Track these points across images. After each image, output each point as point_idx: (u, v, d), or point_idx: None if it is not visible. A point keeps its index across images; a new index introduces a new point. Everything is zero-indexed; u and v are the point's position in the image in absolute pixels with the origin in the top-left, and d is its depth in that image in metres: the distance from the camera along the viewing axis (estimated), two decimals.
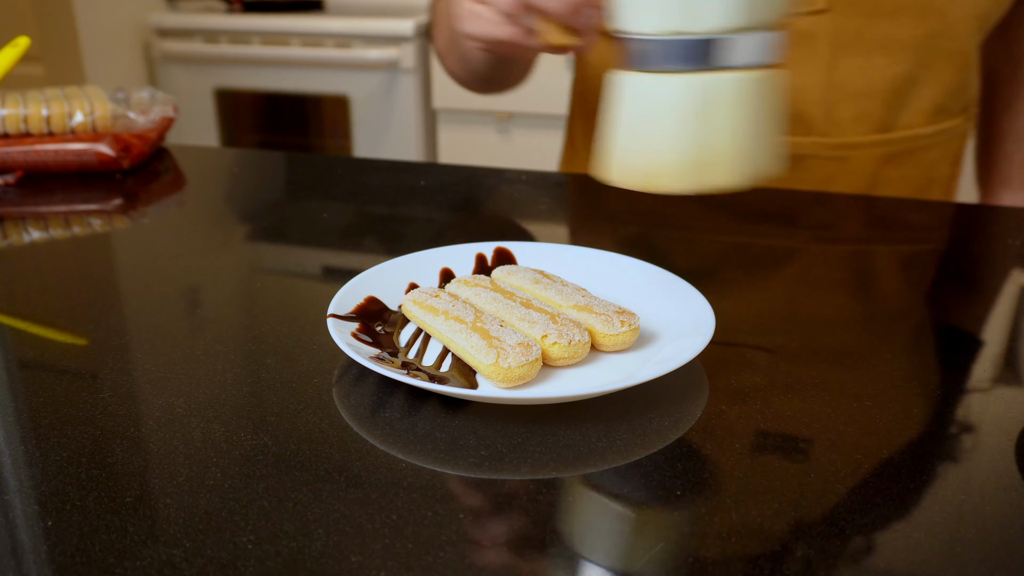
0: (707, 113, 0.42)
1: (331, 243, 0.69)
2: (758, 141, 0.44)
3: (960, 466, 0.39)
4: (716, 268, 0.63)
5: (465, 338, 0.44)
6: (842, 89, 0.75)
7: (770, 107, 0.44)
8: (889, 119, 0.76)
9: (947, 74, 0.75)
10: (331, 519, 0.35)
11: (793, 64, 0.74)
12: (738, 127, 0.43)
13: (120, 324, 0.53)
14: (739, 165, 0.43)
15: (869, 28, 0.72)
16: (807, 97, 0.75)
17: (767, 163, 0.45)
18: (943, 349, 0.51)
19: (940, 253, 0.67)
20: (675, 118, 0.43)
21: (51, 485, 0.37)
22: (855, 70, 0.74)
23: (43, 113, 0.83)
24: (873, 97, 0.75)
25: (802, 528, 0.35)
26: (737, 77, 0.42)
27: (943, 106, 0.77)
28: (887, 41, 0.73)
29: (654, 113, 0.44)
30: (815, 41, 0.73)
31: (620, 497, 0.37)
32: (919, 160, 0.79)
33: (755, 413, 0.43)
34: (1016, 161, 0.86)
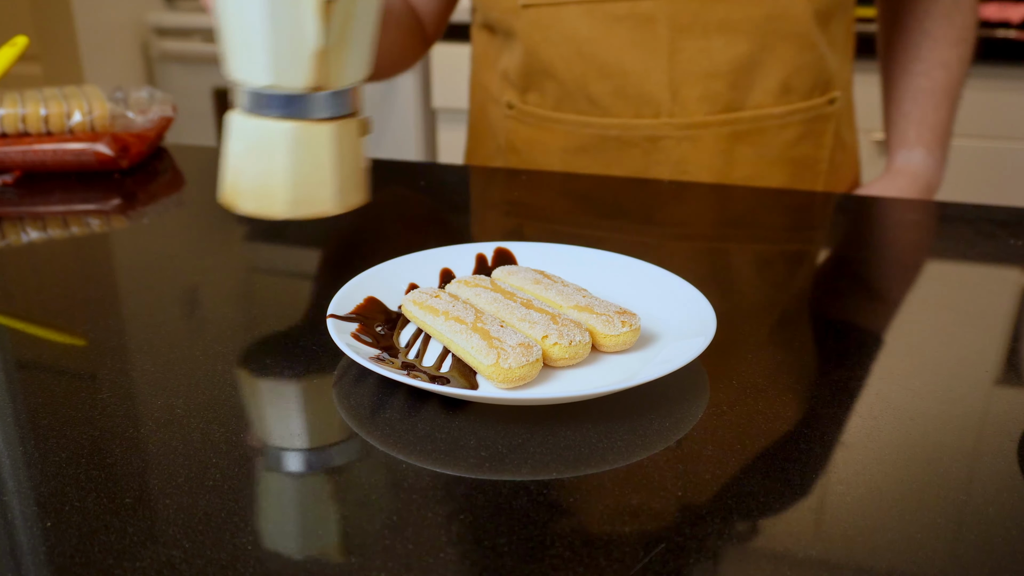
0: (266, 152, 0.52)
1: (330, 243, 0.69)
2: (318, 181, 0.53)
3: (962, 467, 0.39)
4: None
5: (465, 339, 0.44)
6: (686, 70, 0.78)
7: (331, 153, 0.53)
8: (736, 99, 0.79)
9: (789, 55, 0.78)
10: (331, 520, 0.35)
11: (637, 48, 0.77)
12: (296, 167, 0.52)
13: (119, 324, 0.53)
14: (298, 200, 0.53)
15: (706, 11, 0.75)
16: (653, 79, 0.78)
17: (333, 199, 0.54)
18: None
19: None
20: (245, 154, 0.53)
21: (50, 486, 0.37)
22: (696, 52, 0.77)
23: (41, 113, 0.83)
24: (717, 78, 0.78)
25: (803, 528, 0.35)
26: (281, 126, 0.52)
27: (789, 86, 0.80)
28: (725, 23, 0.76)
29: (235, 148, 0.54)
30: (655, 24, 0.76)
31: (621, 498, 0.37)
32: (772, 139, 0.82)
33: (756, 414, 0.43)
34: (913, 119, 0.90)
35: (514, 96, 0.87)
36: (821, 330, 0.53)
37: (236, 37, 0.51)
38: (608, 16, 0.77)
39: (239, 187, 0.54)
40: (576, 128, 0.83)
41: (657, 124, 0.80)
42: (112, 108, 0.86)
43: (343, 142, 0.54)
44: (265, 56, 0.50)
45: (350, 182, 0.55)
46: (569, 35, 0.79)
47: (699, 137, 0.81)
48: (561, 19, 0.79)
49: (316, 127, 0.52)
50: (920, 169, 0.89)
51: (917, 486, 0.38)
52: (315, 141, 0.52)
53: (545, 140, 0.86)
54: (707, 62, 0.77)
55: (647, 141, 0.82)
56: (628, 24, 0.77)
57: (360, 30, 0.53)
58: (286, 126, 0.52)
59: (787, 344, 0.51)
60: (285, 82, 0.51)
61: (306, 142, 0.52)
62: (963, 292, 0.59)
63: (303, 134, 0.52)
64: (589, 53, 0.79)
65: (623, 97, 0.80)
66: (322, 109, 0.53)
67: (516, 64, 0.84)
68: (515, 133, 0.89)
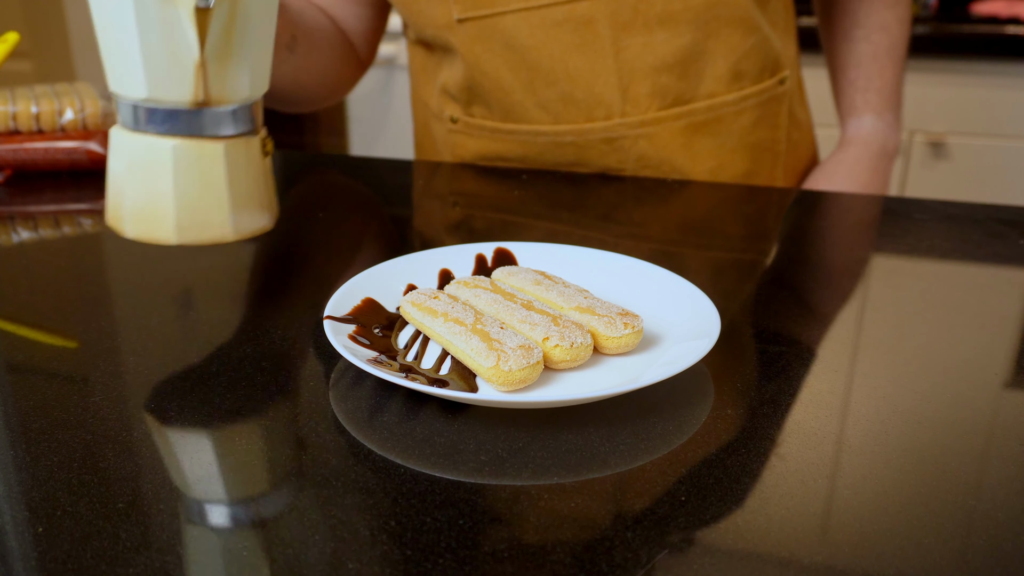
0: (149, 172, 0.50)
1: (327, 243, 0.69)
2: (209, 204, 0.51)
3: (971, 471, 0.39)
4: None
5: (465, 340, 0.44)
6: (632, 67, 0.78)
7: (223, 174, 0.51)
8: (687, 90, 0.80)
9: (735, 40, 0.79)
10: (328, 525, 0.35)
11: (581, 50, 0.77)
12: (183, 188, 0.50)
13: (111, 326, 0.53)
14: (187, 225, 0.51)
15: (645, 6, 0.76)
16: (601, 80, 0.79)
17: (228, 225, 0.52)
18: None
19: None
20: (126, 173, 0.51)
21: (41, 491, 0.37)
22: (641, 47, 0.77)
23: (32, 110, 0.83)
24: (665, 71, 0.78)
25: (809, 533, 0.35)
26: (163, 142, 0.49)
27: (740, 72, 0.81)
28: (665, 16, 0.76)
29: (115, 166, 0.51)
30: (595, 24, 0.76)
31: (623, 503, 0.37)
32: (729, 127, 0.83)
33: (761, 417, 0.43)
34: (859, 87, 0.91)
35: (457, 110, 0.87)
36: (823, 332, 0.53)
37: (112, 46, 0.49)
38: (547, 21, 0.77)
39: (122, 210, 0.51)
40: (530, 138, 0.83)
41: (611, 126, 0.80)
42: (104, 106, 0.86)
43: (238, 161, 0.51)
44: (143, 67, 0.47)
45: (248, 206, 0.52)
46: (510, 44, 0.78)
47: (655, 134, 0.81)
48: (500, 29, 0.78)
49: (205, 145, 0.50)
50: (871, 135, 0.90)
51: (925, 491, 0.38)
52: (205, 160, 0.50)
53: (498, 150, 0.86)
54: (652, 56, 0.78)
55: (604, 143, 0.82)
56: (568, 27, 0.77)
57: (251, 42, 0.50)
58: (171, 143, 0.49)
59: (789, 346, 0.51)
60: (166, 95, 0.48)
61: (194, 161, 0.50)
62: (971, 293, 0.59)
63: (190, 152, 0.49)
64: (533, 60, 0.78)
65: (572, 102, 0.80)
66: (212, 126, 0.50)
67: (457, 79, 0.83)
68: (462, 147, 0.88)
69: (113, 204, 0.52)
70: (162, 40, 0.47)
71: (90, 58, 2.07)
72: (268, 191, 0.55)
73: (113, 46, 0.49)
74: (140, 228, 0.51)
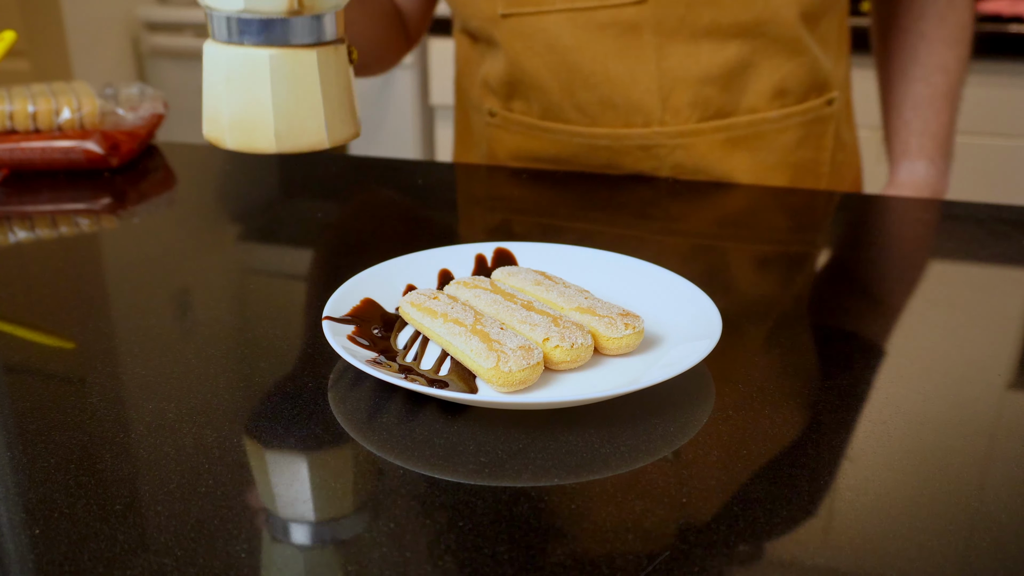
0: (247, 82, 0.51)
1: (326, 243, 0.69)
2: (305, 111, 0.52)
3: (974, 472, 0.39)
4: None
5: (464, 341, 0.44)
6: (675, 77, 0.77)
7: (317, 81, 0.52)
8: (728, 103, 0.79)
9: (781, 58, 0.78)
10: (327, 527, 0.35)
11: (623, 56, 0.77)
12: (280, 97, 0.51)
13: (109, 327, 0.53)
14: (285, 133, 0.52)
15: (692, 16, 0.75)
16: (641, 87, 0.78)
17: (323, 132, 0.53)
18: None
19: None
20: (224, 85, 0.52)
21: (38, 492, 0.37)
22: (684, 57, 0.77)
23: (29, 109, 0.83)
24: (708, 83, 0.77)
25: (810, 536, 0.35)
26: (260, 53, 0.50)
27: (784, 89, 0.79)
28: (712, 28, 0.75)
29: (212, 79, 0.52)
30: (640, 31, 0.76)
31: (624, 504, 0.37)
32: (770, 144, 0.81)
33: (762, 419, 0.43)
34: (914, 128, 0.88)
35: (496, 104, 0.86)
36: (827, 333, 0.53)
37: None
38: (591, 24, 0.76)
39: (221, 121, 0.53)
40: (566, 138, 0.83)
41: (648, 133, 0.80)
42: (102, 105, 0.86)
43: (329, 69, 0.53)
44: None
45: (339, 113, 0.54)
46: (552, 44, 0.78)
47: (693, 145, 0.80)
48: (543, 28, 0.78)
49: (300, 53, 0.51)
50: (924, 182, 0.88)
51: (928, 492, 0.38)
52: (299, 68, 0.51)
53: (533, 148, 0.86)
54: (696, 67, 0.77)
55: (639, 150, 0.81)
56: (612, 31, 0.76)
57: None
58: (267, 53, 0.50)
59: (793, 348, 0.51)
60: (261, 5, 0.50)
61: (290, 70, 0.51)
62: (974, 293, 0.59)
63: (286, 61, 0.51)
64: (573, 62, 0.78)
65: (611, 107, 0.80)
66: (304, 34, 0.51)
67: (499, 72, 0.83)
68: (498, 142, 0.88)
69: (211, 118, 0.54)
70: None
71: (88, 57, 2.08)
72: (354, 100, 0.57)
73: None
74: (240, 139, 0.53)
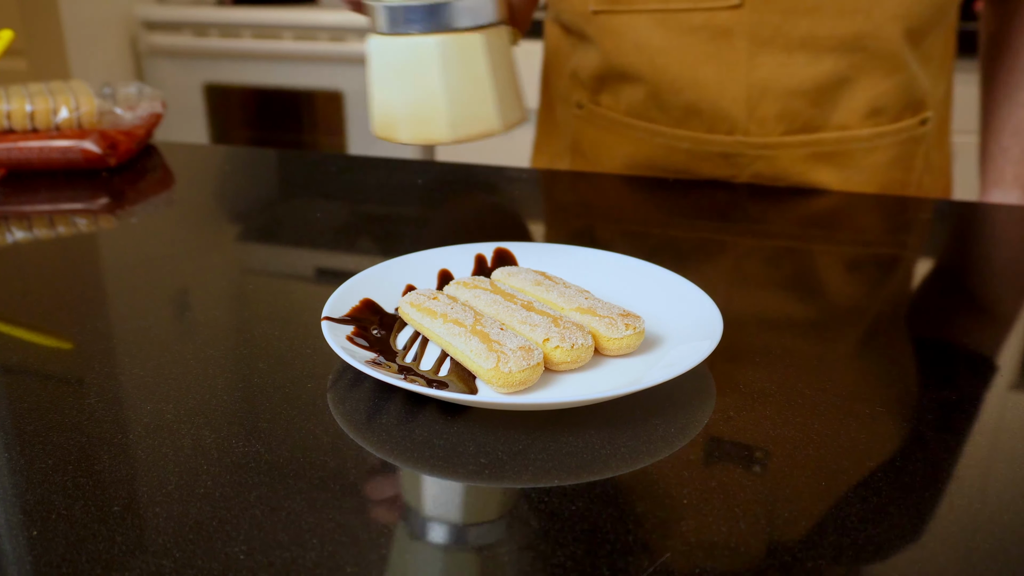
0: (417, 71, 0.51)
1: (325, 243, 0.69)
2: (477, 96, 0.51)
3: (976, 474, 0.39)
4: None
5: (464, 342, 0.44)
6: (764, 87, 0.76)
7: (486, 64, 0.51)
8: (817, 118, 0.77)
9: (878, 75, 0.75)
10: (326, 529, 0.35)
11: (712, 61, 0.76)
12: (452, 84, 0.51)
13: (107, 327, 0.53)
14: (459, 120, 0.52)
15: (788, 25, 0.73)
16: (728, 95, 0.77)
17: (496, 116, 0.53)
18: (939, 354, 0.51)
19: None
20: (393, 77, 0.52)
21: (36, 494, 0.37)
22: (776, 67, 0.75)
23: (27, 109, 0.83)
24: (798, 96, 0.76)
25: (813, 537, 0.35)
26: (429, 40, 0.50)
27: (879, 108, 0.77)
28: (808, 39, 0.73)
29: (380, 72, 0.52)
30: (733, 37, 0.74)
31: (624, 506, 0.37)
32: (858, 162, 0.79)
33: (765, 420, 0.43)
34: (1011, 156, 0.84)
35: (584, 96, 0.86)
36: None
37: None
38: (683, 27, 0.75)
39: (393, 115, 0.53)
40: (647, 136, 0.82)
41: (731, 141, 0.78)
42: (100, 104, 0.86)
43: (496, 52, 0.52)
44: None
45: (508, 97, 0.54)
46: (641, 44, 0.77)
47: (776, 157, 0.78)
48: (633, 27, 0.77)
49: (467, 37, 0.51)
50: None
51: (928, 494, 0.38)
52: (468, 53, 0.51)
53: (612, 145, 0.85)
54: (787, 79, 0.75)
55: (719, 157, 0.80)
56: (704, 36, 0.75)
57: None
58: (435, 39, 0.50)
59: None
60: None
61: (459, 54, 0.51)
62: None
63: (455, 46, 0.51)
64: (661, 65, 0.77)
65: (695, 112, 0.78)
66: (469, 17, 0.51)
67: (589, 66, 0.83)
68: (582, 134, 0.87)
69: (382, 113, 0.53)
70: None
71: (85, 56, 2.08)
72: (519, 83, 0.56)
73: None
74: (415, 131, 0.53)
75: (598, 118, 0.85)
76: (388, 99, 0.52)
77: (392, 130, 0.53)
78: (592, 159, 0.87)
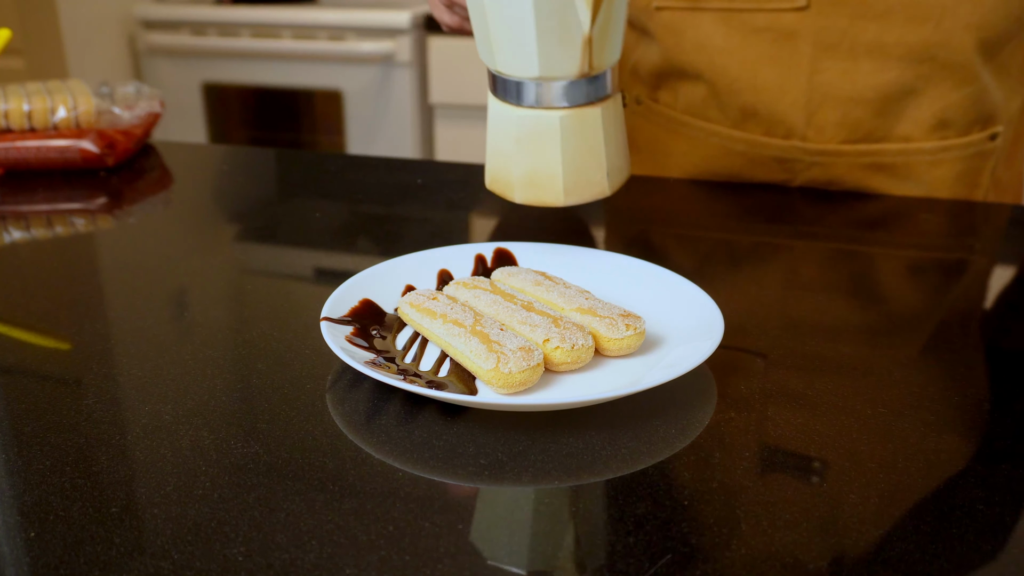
0: (532, 142, 0.54)
1: (324, 244, 0.69)
2: (582, 168, 0.55)
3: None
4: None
5: (464, 342, 0.44)
6: (825, 92, 0.74)
7: (601, 136, 0.55)
8: (879, 128, 0.75)
9: (947, 86, 0.73)
10: (325, 530, 0.35)
11: (774, 64, 0.75)
12: (570, 154, 0.54)
13: (105, 328, 0.53)
14: (572, 187, 0.55)
15: (855, 30, 0.72)
16: (788, 99, 0.76)
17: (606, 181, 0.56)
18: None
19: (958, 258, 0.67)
20: (514, 145, 0.55)
21: (34, 495, 0.37)
22: (840, 73, 0.73)
23: (24, 108, 0.83)
24: (860, 104, 0.74)
25: (808, 534, 0.35)
26: (551, 114, 0.53)
27: (947, 121, 0.75)
28: (875, 45, 0.72)
29: (500, 138, 0.56)
30: (797, 40, 0.73)
31: (625, 507, 0.37)
32: (919, 176, 0.77)
33: (766, 421, 0.43)
34: None
35: (643, 92, 0.85)
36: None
37: (502, 31, 0.52)
38: (746, 27, 0.74)
39: (509, 178, 0.56)
40: (703, 136, 0.81)
41: (787, 146, 0.77)
42: (98, 103, 0.86)
43: (610, 122, 0.55)
44: (536, 46, 0.51)
45: (618, 161, 0.56)
46: (702, 43, 0.77)
47: (833, 164, 0.77)
48: (695, 25, 0.77)
49: (587, 111, 0.53)
50: None
51: (933, 497, 0.37)
52: (587, 126, 0.54)
53: (668, 143, 0.84)
54: (850, 86, 0.73)
55: (774, 162, 0.79)
56: (767, 37, 0.74)
57: (621, 7, 0.53)
58: (559, 115, 0.53)
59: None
60: (555, 72, 0.52)
61: (578, 128, 0.54)
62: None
63: (575, 120, 0.53)
64: (722, 64, 0.77)
65: (753, 114, 0.77)
66: (592, 93, 0.53)
67: (649, 62, 0.82)
68: (639, 130, 0.87)
69: (498, 174, 0.57)
70: (557, 19, 0.50)
71: (83, 55, 2.08)
72: (626, 143, 0.59)
73: (505, 31, 0.52)
74: (529, 194, 0.56)
75: (655, 115, 0.85)
76: (505, 164, 0.56)
77: (506, 190, 0.57)
78: (647, 156, 0.87)
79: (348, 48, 2.01)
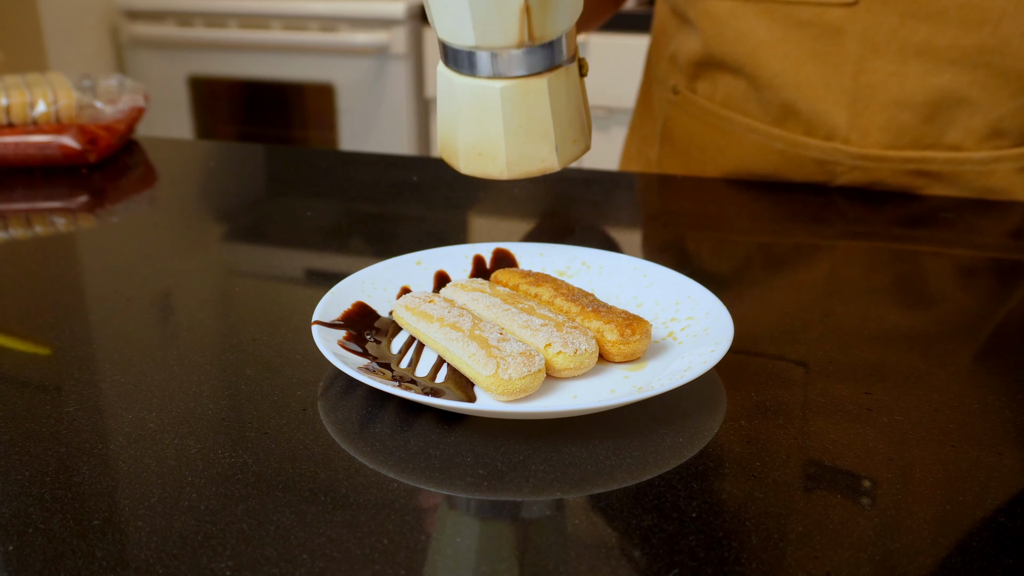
0: (479, 113, 0.54)
1: (316, 244, 0.69)
2: (536, 139, 0.55)
3: (1000, 486, 0.39)
4: (741, 270, 0.63)
5: (462, 347, 0.44)
6: (871, 94, 0.74)
7: (547, 108, 0.54)
8: (928, 135, 0.74)
9: (1004, 93, 0.72)
10: (316, 543, 0.35)
11: (817, 60, 0.74)
12: (512, 127, 0.54)
13: (86, 332, 0.53)
14: (516, 160, 0.55)
15: (905, 30, 0.71)
16: (831, 98, 0.75)
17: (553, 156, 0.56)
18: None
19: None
20: (458, 114, 0.55)
21: (12, 507, 0.37)
22: (887, 75, 0.73)
23: (2, 103, 0.83)
24: (908, 108, 0.73)
25: (819, 546, 0.35)
26: (492, 85, 0.53)
27: (1001, 130, 0.73)
28: (926, 47, 0.71)
29: (447, 106, 0.56)
30: (843, 37, 0.73)
31: (630, 520, 0.37)
32: (968, 185, 0.76)
33: (778, 430, 0.43)
34: None
35: (682, 82, 0.85)
36: (859, 342, 0.53)
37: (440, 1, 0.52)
38: (789, 20, 0.74)
39: (454, 146, 0.56)
40: (740, 132, 0.81)
41: (828, 148, 0.77)
42: (79, 97, 0.86)
43: (560, 93, 0.55)
44: (470, 17, 0.51)
45: (569, 134, 0.56)
46: (743, 34, 0.77)
47: (875, 170, 0.76)
48: (736, 15, 0.76)
49: (530, 82, 0.53)
50: None
51: (951, 507, 0.38)
52: (530, 97, 0.54)
53: (704, 136, 0.84)
54: (898, 88, 0.73)
55: (814, 163, 0.78)
56: (812, 32, 0.74)
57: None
58: (499, 85, 0.53)
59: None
60: (491, 41, 0.52)
61: (521, 100, 0.54)
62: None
63: (517, 92, 0.53)
64: (763, 58, 0.76)
65: (794, 112, 0.77)
66: (535, 64, 0.53)
67: (689, 52, 0.83)
68: (675, 121, 0.87)
69: (446, 142, 0.57)
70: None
71: (64, 47, 2.08)
72: (586, 113, 0.59)
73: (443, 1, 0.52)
74: (472, 165, 0.56)
75: (692, 106, 0.85)
76: (451, 131, 0.56)
77: (452, 158, 0.57)
78: (682, 148, 0.87)
79: (340, 39, 2.02)
